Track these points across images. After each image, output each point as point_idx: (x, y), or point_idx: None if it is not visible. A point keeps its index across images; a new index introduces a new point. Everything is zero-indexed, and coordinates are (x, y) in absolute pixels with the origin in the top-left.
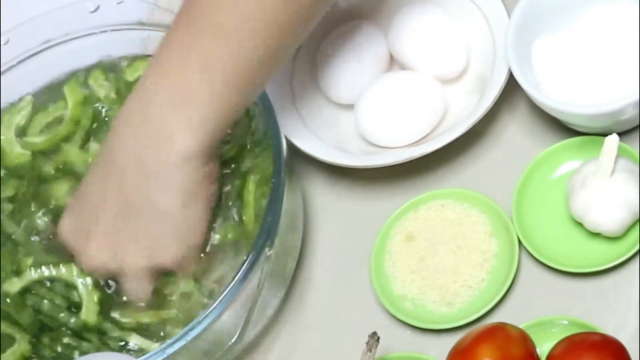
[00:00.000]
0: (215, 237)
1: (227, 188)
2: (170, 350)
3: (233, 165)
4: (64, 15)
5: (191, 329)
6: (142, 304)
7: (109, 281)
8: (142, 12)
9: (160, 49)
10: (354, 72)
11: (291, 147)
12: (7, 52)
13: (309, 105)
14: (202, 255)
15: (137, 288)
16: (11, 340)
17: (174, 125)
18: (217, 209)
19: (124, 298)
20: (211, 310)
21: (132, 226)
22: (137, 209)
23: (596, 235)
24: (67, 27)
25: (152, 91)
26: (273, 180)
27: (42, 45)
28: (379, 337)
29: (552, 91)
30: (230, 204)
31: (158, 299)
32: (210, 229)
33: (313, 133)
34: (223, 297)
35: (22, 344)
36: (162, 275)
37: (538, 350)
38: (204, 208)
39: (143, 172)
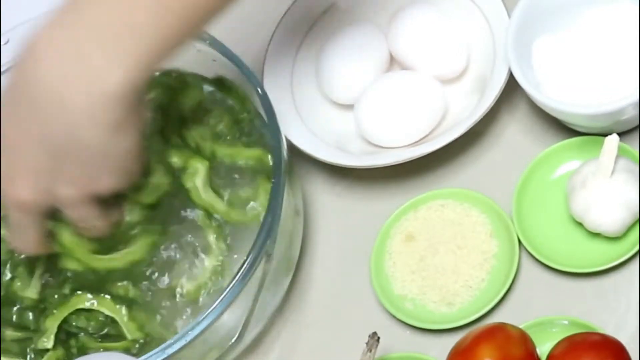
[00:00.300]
0: None
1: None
2: (170, 351)
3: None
4: None
5: (191, 329)
6: (97, 230)
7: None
8: None
9: None
10: (354, 72)
11: (291, 147)
12: (7, 52)
13: (309, 105)
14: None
15: (83, 215)
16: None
17: (106, 59)
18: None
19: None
20: (211, 310)
21: (59, 161)
22: (62, 144)
23: (596, 235)
24: None
25: (87, 16)
26: (273, 180)
27: None
28: (379, 337)
29: (552, 91)
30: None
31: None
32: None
33: (313, 133)
34: (223, 297)
35: (57, 350)
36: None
37: (538, 350)
38: (136, 136)
39: (68, 110)
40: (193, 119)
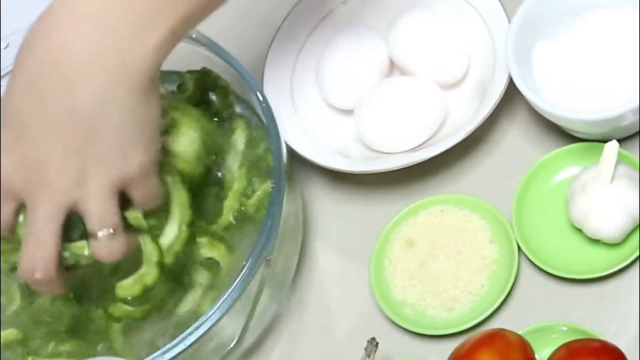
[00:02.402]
0: None
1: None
2: (169, 355)
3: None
4: None
5: (190, 334)
6: (111, 231)
7: None
8: None
9: None
10: (354, 77)
11: (291, 152)
12: (7, 56)
13: (309, 110)
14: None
15: (106, 212)
16: None
17: (139, 29)
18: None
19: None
20: (211, 315)
21: (91, 143)
22: (92, 114)
23: (596, 241)
24: None
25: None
26: (272, 185)
27: None
28: (377, 343)
29: (552, 97)
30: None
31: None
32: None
33: (313, 138)
34: (222, 302)
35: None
36: None
37: (537, 357)
38: (159, 107)
39: (99, 75)
40: None
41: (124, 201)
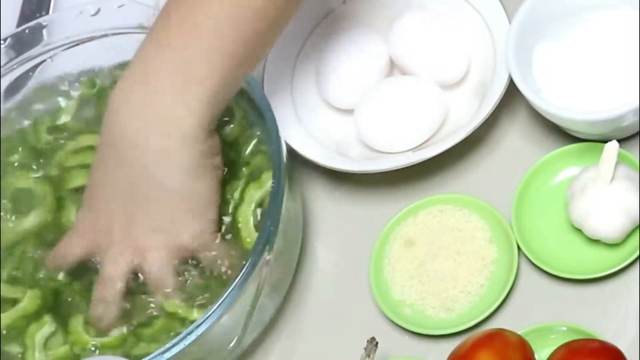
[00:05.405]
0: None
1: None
2: (169, 355)
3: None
4: (64, 18)
5: (189, 333)
6: (169, 290)
7: None
8: (142, 15)
9: (159, 22)
10: (354, 77)
11: (291, 151)
12: (7, 55)
13: (309, 110)
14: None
15: (163, 275)
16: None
17: (175, 105)
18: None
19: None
20: (210, 314)
21: (146, 212)
22: (146, 193)
23: (596, 241)
24: (67, 30)
25: (153, 69)
26: (272, 184)
27: (43, 47)
28: (377, 342)
29: (552, 97)
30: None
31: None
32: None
33: (313, 138)
34: (222, 301)
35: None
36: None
37: (537, 357)
38: (212, 181)
39: (146, 155)
40: None
41: None
